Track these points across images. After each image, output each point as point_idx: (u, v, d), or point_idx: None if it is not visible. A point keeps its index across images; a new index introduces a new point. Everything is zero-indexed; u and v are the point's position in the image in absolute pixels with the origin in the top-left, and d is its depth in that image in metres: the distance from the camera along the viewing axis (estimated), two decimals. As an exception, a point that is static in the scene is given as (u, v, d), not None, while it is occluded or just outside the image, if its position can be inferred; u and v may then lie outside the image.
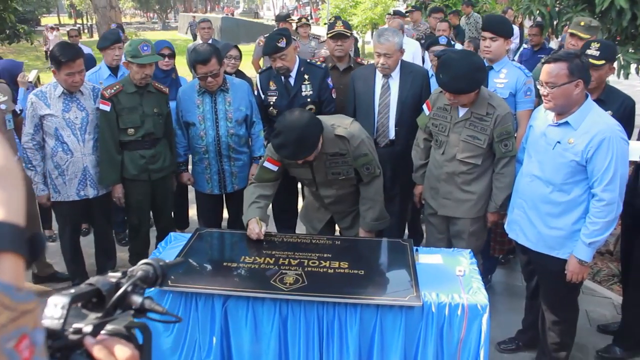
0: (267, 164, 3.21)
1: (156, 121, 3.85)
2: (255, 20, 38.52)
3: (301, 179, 3.46)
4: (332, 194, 3.31)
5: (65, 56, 3.53)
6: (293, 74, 4.01)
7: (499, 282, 4.25)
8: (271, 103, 4.04)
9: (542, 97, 2.75)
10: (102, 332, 0.85)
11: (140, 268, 0.98)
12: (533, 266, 3.12)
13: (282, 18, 7.67)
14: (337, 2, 17.63)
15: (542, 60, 2.75)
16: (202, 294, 2.63)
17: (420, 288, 2.54)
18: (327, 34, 4.54)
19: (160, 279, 0.99)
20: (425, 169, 3.56)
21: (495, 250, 3.98)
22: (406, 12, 10.28)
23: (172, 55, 4.67)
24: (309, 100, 4.02)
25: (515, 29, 8.93)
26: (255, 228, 3.02)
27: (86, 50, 7.57)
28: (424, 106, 3.49)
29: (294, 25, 7.65)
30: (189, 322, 2.68)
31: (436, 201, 3.46)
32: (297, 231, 4.49)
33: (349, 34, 4.45)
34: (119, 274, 0.94)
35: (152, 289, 1.00)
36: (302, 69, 4.04)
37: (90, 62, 5.17)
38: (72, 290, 0.83)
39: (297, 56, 4.08)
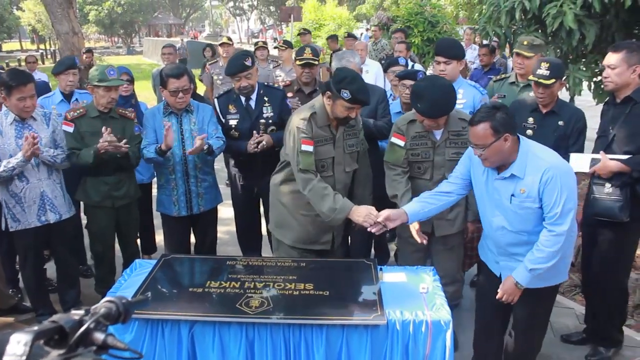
0: (395, 140, 3.36)
1: None
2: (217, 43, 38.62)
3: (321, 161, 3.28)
4: (344, 175, 3.39)
5: (16, 81, 3.51)
6: (253, 96, 4.06)
7: (467, 297, 4.29)
8: (232, 126, 4.06)
9: (479, 157, 2.74)
10: None
11: (103, 305, 1.01)
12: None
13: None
14: (302, 24, 17.81)
15: (469, 123, 2.77)
16: (169, 320, 2.62)
17: (385, 306, 2.59)
18: (296, 59, 4.63)
19: (123, 316, 1.03)
20: (410, 194, 3.31)
21: (465, 265, 4.03)
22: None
23: (131, 81, 4.71)
24: (270, 121, 4.07)
25: (476, 48, 9.18)
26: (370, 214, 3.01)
27: (43, 77, 7.55)
28: (394, 140, 3.38)
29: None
30: (155, 349, 2.66)
31: (429, 223, 3.38)
32: (262, 253, 4.51)
33: (316, 63, 4.55)
34: (82, 312, 0.97)
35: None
36: (261, 91, 4.11)
37: (44, 90, 5.13)
38: (35, 328, 0.86)
39: None
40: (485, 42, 7.23)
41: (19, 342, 0.81)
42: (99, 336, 0.94)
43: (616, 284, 3.55)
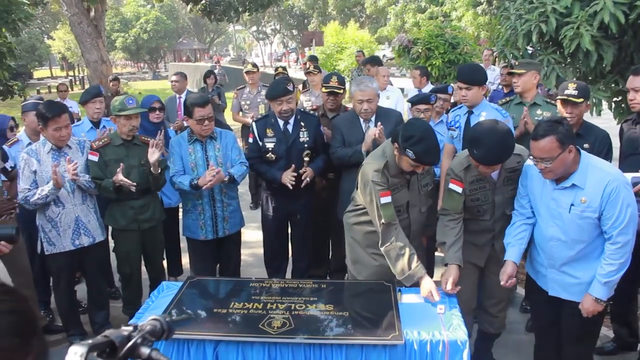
0: (453, 186, 3.21)
1: (142, 172, 3.99)
2: (242, 67, 39.19)
3: (397, 206, 3.26)
4: (419, 215, 3.38)
5: (51, 112, 3.70)
6: (291, 120, 4.21)
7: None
8: (269, 149, 4.20)
9: (540, 171, 2.82)
10: None
11: (149, 323, 1.12)
12: (568, 315, 3.09)
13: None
14: (324, 48, 18.07)
15: (532, 138, 2.81)
16: (194, 340, 2.73)
17: (403, 326, 2.66)
18: (322, 86, 4.78)
19: (167, 333, 1.13)
20: (460, 243, 3.22)
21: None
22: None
23: (162, 109, 4.88)
24: (306, 145, 4.22)
25: (497, 69, 9.23)
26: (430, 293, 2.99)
27: (73, 104, 7.83)
28: (453, 187, 3.23)
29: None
30: (182, 369, 2.76)
31: (483, 257, 3.39)
32: (288, 275, 4.60)
33: (341, 91, 4.69)
34: (130, 328, 1.08)
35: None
36: (298, 116, 4.26)
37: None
38: (90, 341, 0.98)
39: None
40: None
41: (75, 353, 0.93)
42: (145, 350, 1.04)
43: None
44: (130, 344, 1.03)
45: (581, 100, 3.53)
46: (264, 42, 57.68)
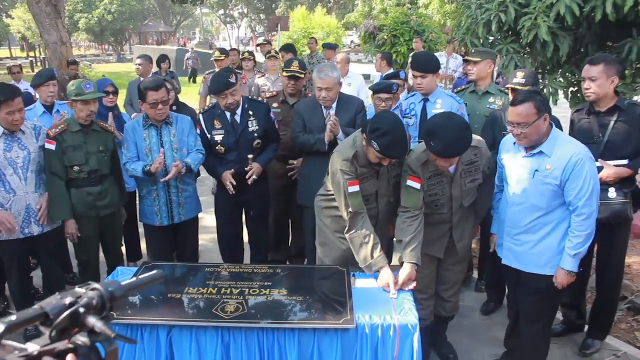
0: (411, 183, 3.17)
1: (101, 159, 3.95)
2: (211, 51, 38.70)
3: (365, 195, 3.25)
4: (388, 205, 3.40)
5: (4, 95, 3.60)
6: (239, 111, 4.13)
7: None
8: (218, 141, 4.13)
9: (515, 136, 2.98)
10: (62, 346, 0.93)
11: (87, 293, 1.01)
12: (523, 287, 3.28)
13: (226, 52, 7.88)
14: (290, 34, 17.97)
15: (511, 104, 2.97)
16: (148, 325, 2.72)
17: (355, 311, 2.70)
18: (283, 71, 4.76)
19: (110, 305, 1.02)
20: (418, 240, 3.15)
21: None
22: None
23: (116, 93, 4.81)
24: (255, 135, 4.17)
25: (460, 57, 9.34)
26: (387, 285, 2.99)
27: (29, 87, 7.64)
28: (411, 183, 3.19)
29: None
30: (135, 354, 2.75)
31: (442, 248, 3.43)
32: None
33: (302, 76, 4.67)
34: (71, 298, 0.99)
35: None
36: (246, 105, 4.18)
37: (29, 101, 5.20)
38: (13, 317, 0.91)
39: None
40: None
41: None
42: (90, 321, 0.96)
43: (620, 279, 3.87)
44: (66, 314, 0.95)
45: (528, 87, 3.62)
46: (231, 26, 57.09)
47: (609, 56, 3.55)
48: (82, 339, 0.98)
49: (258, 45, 7.49)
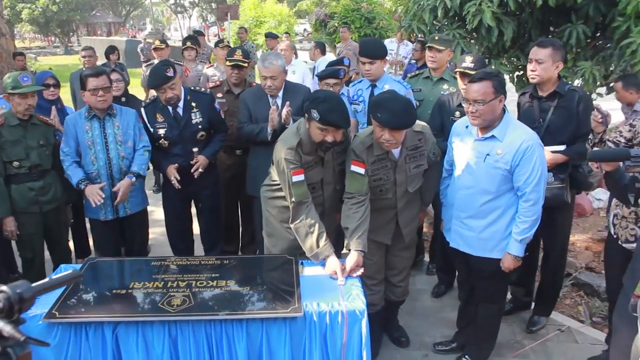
0: (355, 168, 3.14)
1: (42, 153, 3.83)
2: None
3: (311, 183, 3.23)
4: (334, 192, 3.38)
5: None
6: (180, 103, 4.05)
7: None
8: (161, 135, 4.04)
9: (469, 114, 3.00)
10: None
11: None
12: (472, 270, 3.36)
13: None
14: (241, 22, 17.76)
15: (469, 81, 3.00)
16: (92, 323, 2.65)
17: (303, 299, 2.70)
18: (226, 60, 4.68)
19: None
20: (364, 226, 3.15)
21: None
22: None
23: (57, 85, 4.66)
24: (199, 127, 4.10)
25: (410, 44, 9.41)
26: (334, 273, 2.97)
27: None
28: (355, 168, 3.16)
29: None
30: (80, 353, 2.68)
31: (388, 234, 3.45)
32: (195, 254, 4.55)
33: (246, 65, 4.61)
34: None
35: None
36: (188, 97, 4.09)
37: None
38: None
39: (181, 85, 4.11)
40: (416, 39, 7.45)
41: None
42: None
43: (564, 258, 4.02)
44: None
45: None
46: (182, 15, 56.11)
47: (557, 41, 3.62)
48: None
49: (216, 45, 7.32)
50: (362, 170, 3.15)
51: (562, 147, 3.50)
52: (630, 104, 5.01)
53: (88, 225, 4.70)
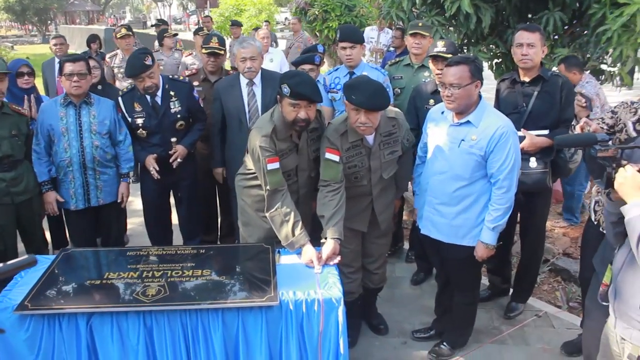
0: (330, 155, 3.13)
1: (14, 143, 3.74)
2: (143, 30, 37.49)
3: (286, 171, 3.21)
4: (309, 179, 3.36)
5: None
6: (159, 92, 4.00)
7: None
8: (139, 125, 3.99)
9: (445, 98, 3.00)
10: None
11: None
12: (444, 258, 3.37)
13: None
14: (222, 10, 17.59)
15: (447, 65, 3.00)
16: (65, 314, 2.62)
17: (279, 288, 2.69)
18: (202, 47, 4.63)
19: None
20: (340, 214, 3.13)
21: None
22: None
23: (32, 74, 4.57)
24: (178, 116, 4.06)
25: (390, 32, 9.38)
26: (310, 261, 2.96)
27: None
28: (329, 156, 3.14)
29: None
30: (54, 344, 2.65)
31: (364, 222, 3.44)
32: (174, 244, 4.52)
33: (222, 52, 4.56)
34: None
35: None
36: (166, 86, 4.04)
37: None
38: None
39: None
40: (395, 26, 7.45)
41: None
42: None
43: (542, 244, 4.02)
44: None
45: (450, 55, 3.63)
46: (162, 4, 55.43)
47: (540, 27, 3.62)
48: None
49: (196, 33, 7.22)
50: (336, 158, 3.14)
51: (545, 132, 3.51)
52: (574, 84, 5.04)
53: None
